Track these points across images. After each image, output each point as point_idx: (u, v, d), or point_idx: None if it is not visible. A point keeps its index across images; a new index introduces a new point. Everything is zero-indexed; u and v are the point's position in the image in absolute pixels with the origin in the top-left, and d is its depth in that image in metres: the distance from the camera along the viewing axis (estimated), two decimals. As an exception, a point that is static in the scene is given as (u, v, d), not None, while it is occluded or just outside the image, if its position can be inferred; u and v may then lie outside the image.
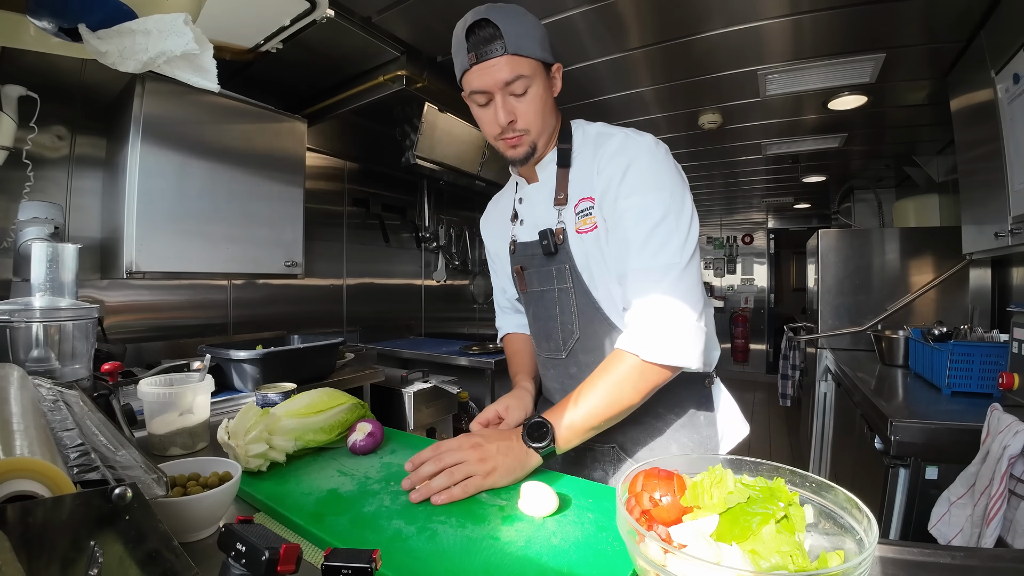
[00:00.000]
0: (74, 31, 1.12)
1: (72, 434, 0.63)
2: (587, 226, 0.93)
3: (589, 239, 0.94)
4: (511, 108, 0.89)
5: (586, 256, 0.95)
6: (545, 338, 1.05)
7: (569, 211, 0.96)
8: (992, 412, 1.33)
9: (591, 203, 0.93)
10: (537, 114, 0.91)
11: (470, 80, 0.89)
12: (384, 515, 0.67)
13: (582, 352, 0.99)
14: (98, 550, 0.39)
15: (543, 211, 1.01)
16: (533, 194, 1.04)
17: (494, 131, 0.93)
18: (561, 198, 0.97)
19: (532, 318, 1.08)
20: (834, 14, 1.82)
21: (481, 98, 0.90)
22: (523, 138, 0.93)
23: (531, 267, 1.03)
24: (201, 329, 2.29)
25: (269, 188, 2.13)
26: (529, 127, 0.92)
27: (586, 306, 0.97)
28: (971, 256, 2.10)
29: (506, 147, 0.95)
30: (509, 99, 0.89)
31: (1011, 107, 1.62)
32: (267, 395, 1.04)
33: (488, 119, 0.92)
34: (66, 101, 1.82)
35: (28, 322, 1.03)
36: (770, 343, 7.21)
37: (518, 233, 1.07)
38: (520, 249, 1.06)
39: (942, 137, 3.09)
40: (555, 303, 1.00)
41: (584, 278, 0.96)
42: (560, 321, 1.00)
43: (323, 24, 1.70)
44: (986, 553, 0.80)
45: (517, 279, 1.08)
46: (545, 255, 0.98)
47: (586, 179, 0.95)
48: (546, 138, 0.97)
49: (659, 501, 0.53)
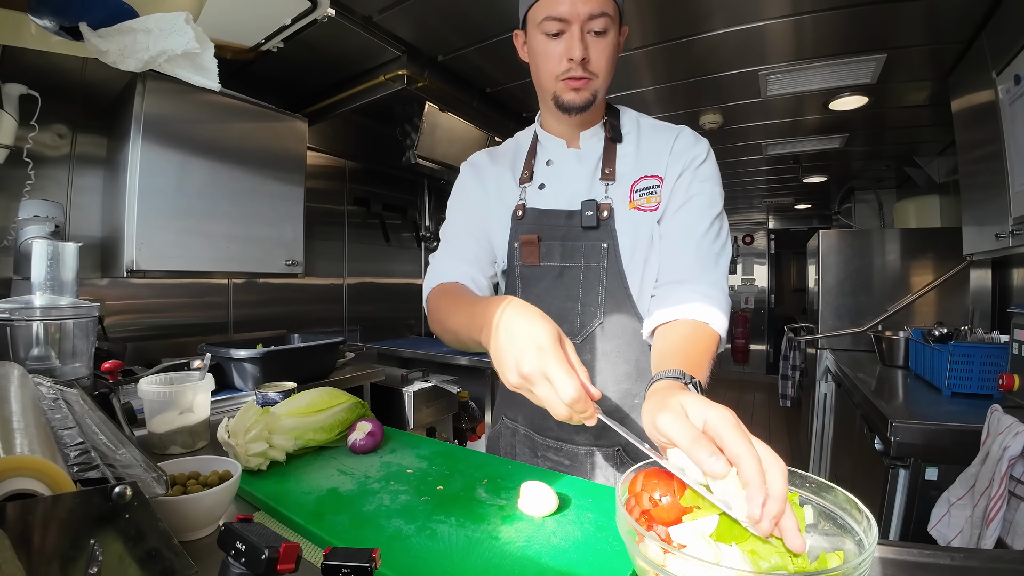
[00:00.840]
0: (75, 30, 1.12)
1: (72, 432, 0.63)
2: (650, 204, 0.90)
3: (648, 218, 0.90)
4: (587, 44, 0.83)
5: (636, 235, 0.90)
6: (555, 320, 0.87)
7: (621, 187, 0.92)
8: (992, 413, 1.33)
9: (657, 182, 0.90)
10: (609, 62, 0.86)
11: (546, 5, 0.82)
12: (384, 514, 0.67)
13: (602, 339, 0.92)
14: (98, 548, 0.39)
15: (583, 181, 0.94)
16: (571, 160, 0.96)
17: (560, 68, 0.85)
18: (608, 173, 0.92)
19: (535, 297, 0.95)
20: (835, 14, 1.82)
21: (554, 26, 0.82)
22: (590, 82, 0.86)
23: (552, 239, 0.94)
24: (201, 328, 2.29)
25: (270, 187, 2.13)
26: (599, 72, 0.86)
27: (616, 289, 0.91)
28: (972, 257, 2.10)
29: (567, 88, 0.87)
30: (587, 36, 0.83)
31: (1012, 108, 1.62)
32: (267, 394, 1.04)
33: (557, 52, 0.84)
34: (67, 100, 1.82)
35: (28, 320, 1.03)
36: (770, 343, 7.21)
37: (534, 198, 0.97)
38: (537, 216, 0.95)
39: (943, 138, 3.09)
40: (578, 282, 0.92)
41: (623, 259, 0.90)
42: (582, 302, 0.92)
43: (324, 23, 1.70)
44: (986, 554, 0.80)
45: (522, 250, 0.96)
46: (583, 228, 0.91)
47: (650, 159, 0.92)
48: (604, 92, 0.91)
49: (659, 501, 0.53)
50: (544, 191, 0.97)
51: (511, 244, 0.99)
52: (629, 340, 0.91)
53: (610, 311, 0.91)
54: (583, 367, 0.59)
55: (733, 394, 6.42)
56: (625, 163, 0.94)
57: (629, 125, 0.97)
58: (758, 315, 7.45)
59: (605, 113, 0.98)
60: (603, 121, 0.97)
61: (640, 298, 0.91)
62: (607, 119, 0.97)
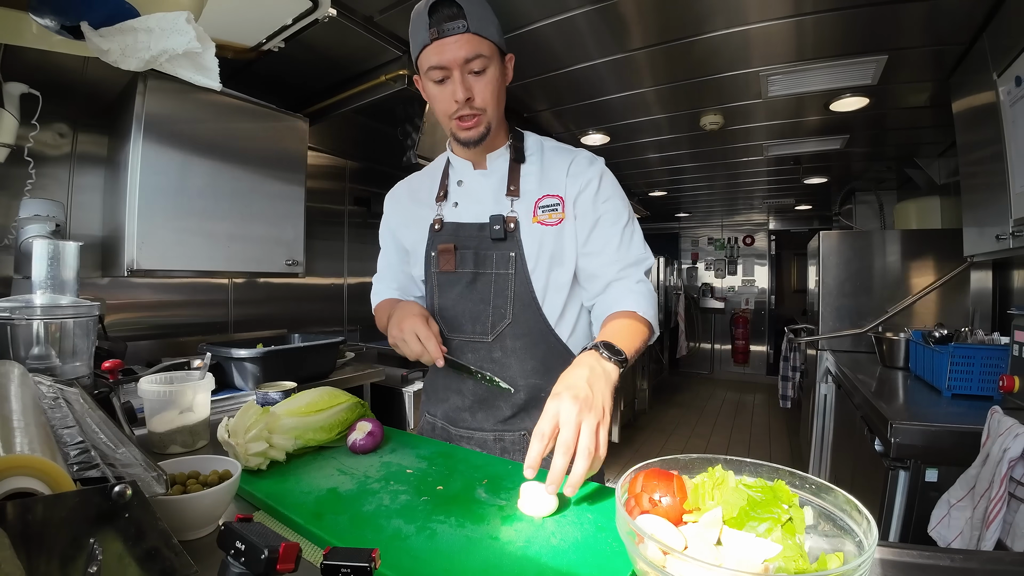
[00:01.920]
0: (76, 29, 1.12)
1: (72, 432, 0.63)
2: (552, 220, 1.01)
3: (551, 232, 1.00)
4: (469, 85, 0.92)
5: (540, 246, 1.00)
6: (469, 320, 1.04)
7: (524, 203, 1.02)
8: (992, 415, 1.33)
9: (558, 200, 1.01)
10: (494, 95, 0.95)
11: (428, 56, 0.91)
12: (383, 514, 0.67)
13: (511, 337, 1.01)
14: (97, 548, 0.39)
15: (490, 198, 1.04)
16: (479, 180, 1.07)
17: (449, 108, 0.94)
18: (513, 190, 1.03)
19: (451, 299, 1.06)
20: (836, 16, 1.82)
21: (438, 74, 0.92)
22: (479, 118, 0.95)
23: (467, 248, 1.04)
24: (202, 327, 2.29)
25: (270, 187, 2.13)
26: (486, 106, 0.95)
27: (523, 293, 1.00)
28: (972, 258, 2.10)
29: (460, 127, 0.96)
30: (468, 77, 0.92)
31: (1013, 110, 1.62)
32: (267, 394, 1.04)
33: (444, 96, 0.94)
34: (68, 99, 1.82)
35: (29, 319, 1.03)
36: (770, 345, 7.21)
37: (449, 213, 1.08)
38: (453, 229, 1.06)
39: (944, 139, 3.09)
40: (490, 286, 1.02)
41: (529, 266, 1.00)
42: (494, 304, 1.02)
43: (325, 23, 1.70)
44: (986, 556, 0.80)
45: (439, 258, 1.06)
46: (493, 239, 1.01)
47: (551, 180, 1.03)
48: (497, 123, 1.00)
49: (658, 502, 0.53)
50: (458, 208, 1.08)
51: (428, 254, 1.09)
52: (536, 339, 1.02)
53: (518, 313, 1.01)
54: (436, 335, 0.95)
55: (733, 395, 6.41)
56: (529, 181, 1.04)
57: (533, 148, 1.09)
58: (758, 316, 7.45)
59: (510, 136, 1.08)
60: (508, 144, 1.07)
61: (544, 301, 1.02)
62: (512, 142, 1.07)
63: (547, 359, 1.02)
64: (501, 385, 0.98)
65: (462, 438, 1.07)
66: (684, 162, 3.96)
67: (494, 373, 1.00)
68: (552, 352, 1.03)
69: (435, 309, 1.09)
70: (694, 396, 6.38)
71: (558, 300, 1.03)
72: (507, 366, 1.02)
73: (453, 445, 1.01)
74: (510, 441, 1.03)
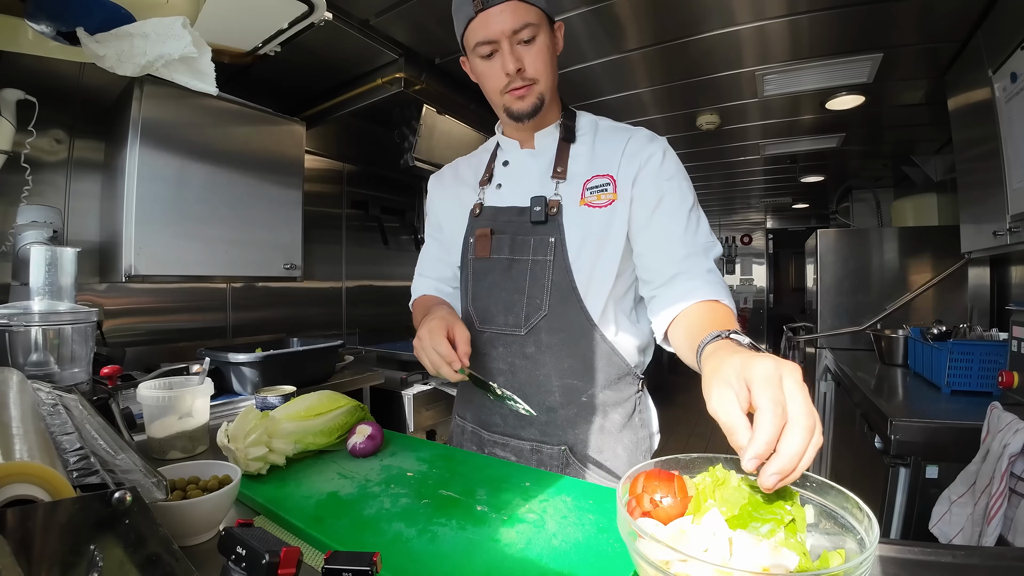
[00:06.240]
0: (72, 35, 1.12)
1: (71, 438, 0.63)
2: (601, 201, 0.93)
3: (600, 215, 0.92)
4: (519, 56, 0.87)
5: (586, 231, 0.92)
6: (502, 311, 0.96)
7: (571, 185, 0.95)
8: (992, 411, 1.33)
9: (608, 180, 0.93)
10: (546, 64, 0.90)
11: (474, 31, 0.87)
12: (384, 518, 0.67)
13: (546, 331, 0.93)
14: (98, 554, 0.39)
15: (536, 179, 0.99)
16: (526, 160, 1.02)
17: (500, 83, 0.90)
18: (560, 171, 0.96)
19: (485, 288, 0.99)
20: (831, 14, 1.83)
21: (486, 48, 0.87)
22: (532, 88, 0.90)
23: (504, 232, 0.97)
24: (200, 332, 2.28)
25: (268, 191, 2.13)
26: (538, 76, 0.90)
27: (561, 282, 0.92)
28: (970, 255, 2.10)
29: (513, 99, 0.91)
30: (517, 47, 0.87)
31: (1008, 106, 1.63)
32: (266, 398, 1.04)
33: (494, 71, 0.89)
34: (64, 105, 1.82)
35: (27, 326, 1.03)
36: (769, 343, 7.20)
37: (491, 196, 1.03)
38: (492, 214, 1.00)
39: (940, 136, 3.09)
40: (525, 274, 0.94)
41: (571, 254, 0.92)
42: (528, 294, 0.94)
43: (321, 27, 1.70)
44: (987, 552, 0.80)
45: (476, 244, 1.00)
46: (532, 223, 0.94)
47: (603, 160, 0.95)
48: (551, 95, 0.95)
49: (659, 502, 0.53)
50: (501, 190, 1.03)
51: (467, 240, 1.04)
52: (576, 335, 0.93)
53: (555, 304, 0.93)
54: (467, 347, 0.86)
55: (733, 394, 6.39)
56: (578, 162, 0.97)
57: (586, 127, 1.01)
58: (757, 315, 7.46)
59: (561, 115, 1.01)
60: (558, 122, 1.01)
61: (587, 294, 0.92)
62: (562, 120, 1.00)
63: (588, 358, 0.93)
64: (522, 410, 0.88)
65: (496, 444, 1.00)
66: (681, 162, 3.96)
67: (527, 371, 0.94)
68: (595, 351, 0.93)
69: (469, 299, 1.02)
70: (694, 396, 6.35)
71: (602, 292, 0.92)
72: (541, 363, 0.94)
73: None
74: (547, 455, 0.95)
